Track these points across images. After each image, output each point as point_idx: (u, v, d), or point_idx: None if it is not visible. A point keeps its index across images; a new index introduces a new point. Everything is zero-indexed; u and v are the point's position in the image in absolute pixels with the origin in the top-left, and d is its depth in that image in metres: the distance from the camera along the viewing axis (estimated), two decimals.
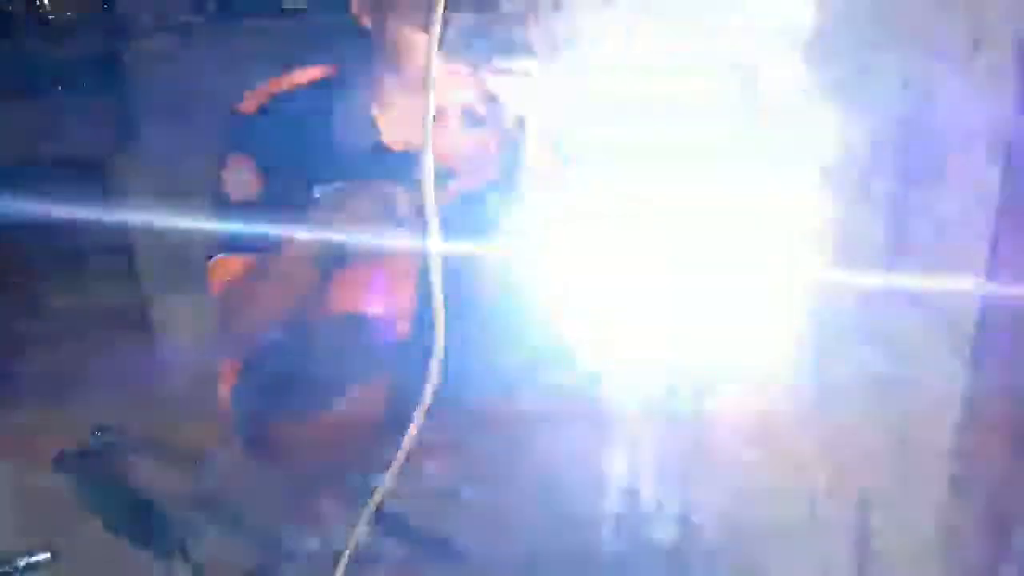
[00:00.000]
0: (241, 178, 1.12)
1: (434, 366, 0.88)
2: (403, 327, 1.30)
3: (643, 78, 0.81)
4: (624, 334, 0.93)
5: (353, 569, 1.30)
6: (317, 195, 1.17)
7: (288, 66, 1.23)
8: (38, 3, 2.45)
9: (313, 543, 1.33)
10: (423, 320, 1.30)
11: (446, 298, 0.87)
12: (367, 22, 1.09)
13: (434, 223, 0.85)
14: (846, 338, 0.75)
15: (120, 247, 2.03)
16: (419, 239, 0.87)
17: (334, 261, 1.12)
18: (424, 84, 0.85)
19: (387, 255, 1.12)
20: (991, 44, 0.55)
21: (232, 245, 1.12)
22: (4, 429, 1.79)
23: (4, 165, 2.15)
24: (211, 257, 1.14)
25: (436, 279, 0.86)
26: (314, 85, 1.19)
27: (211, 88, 1.77)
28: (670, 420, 0.91)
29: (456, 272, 0.95)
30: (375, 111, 1.17)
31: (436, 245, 0.86)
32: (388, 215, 1.03)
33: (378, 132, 1.16)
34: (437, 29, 0.83)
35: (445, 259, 0.88)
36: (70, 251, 2.76)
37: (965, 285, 0.60)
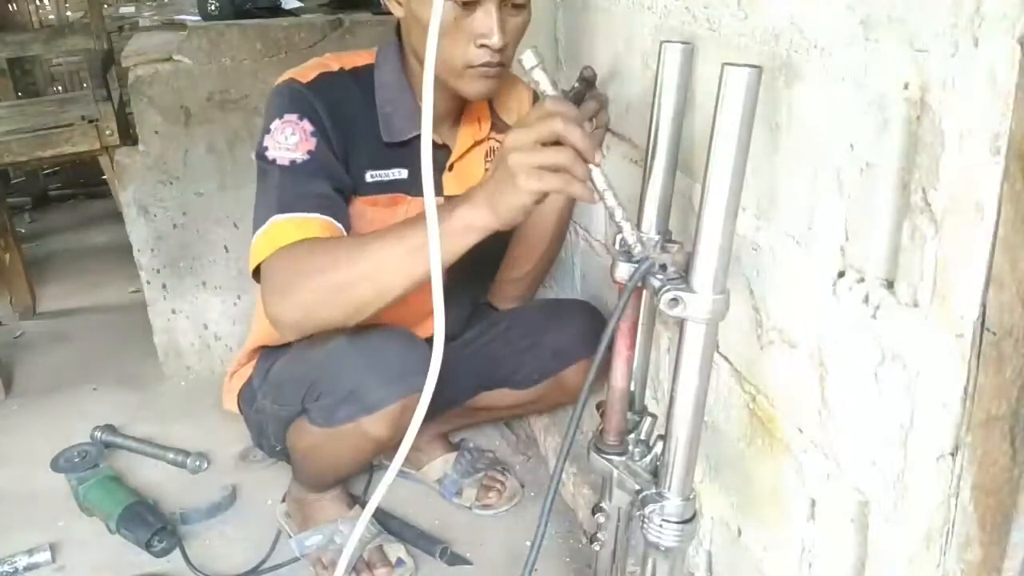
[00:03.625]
0: (292, 138, 1.11)
1: (434, 367, 0.88)
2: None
3: None
4: None
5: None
6: (368, 179, 1.19)
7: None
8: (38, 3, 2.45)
9: (313, 542, 1.33)
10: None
11: None
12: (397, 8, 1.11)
13: (433, 219, 0.86)
14: (846, 337, 0.76)
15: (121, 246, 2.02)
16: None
17: None
18: (425, 71, 0.86)
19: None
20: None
21: (289, 205, 1.07)
22: (4, 429, 1.79)
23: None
24: (262, 221, 1.07)
25: (436, 279, 0.86)
26: (361, 71, 1.20)
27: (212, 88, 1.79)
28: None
29: None
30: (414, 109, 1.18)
31: (436, 245, 0.86)
32: None
33: (416, 126, 1.16)
34: (439, 12, 0.84)
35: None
36: (70, 251, 2.77)
37: (965, 285, 0.60)
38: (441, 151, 1.23)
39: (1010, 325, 0.57)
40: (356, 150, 1.17)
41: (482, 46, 1.04)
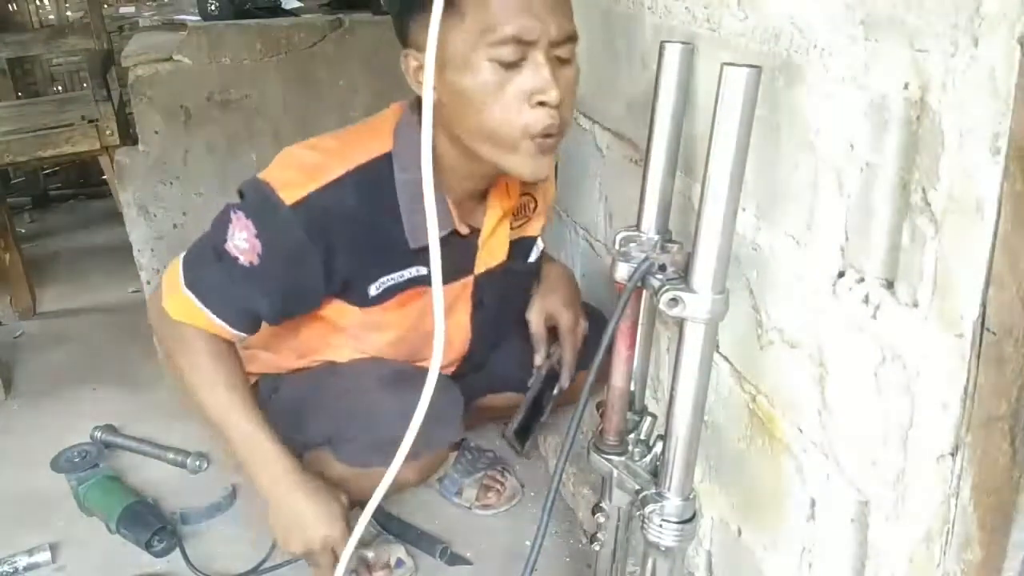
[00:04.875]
0: (242, 244, 1.05)
1: (428, 385, 0.86)
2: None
3: None
4: None
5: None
6: (373, 292, 1.12)
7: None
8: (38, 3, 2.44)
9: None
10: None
11: None
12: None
13: (436, 249, 0.85)
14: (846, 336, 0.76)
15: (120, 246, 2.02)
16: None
17: None
18: (424, 98, 0.84)
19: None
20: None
21: (207, 289, 1.09)
22: (4, 429, 1.79)
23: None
24: (185, 273, 1.10)
25: (438, 302, 0.86)
26: (375, 167, 1.06)
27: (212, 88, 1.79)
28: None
29: None
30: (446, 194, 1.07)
31: (438, 268, 0.85)
32: None
33: (452, 220, 1.09)
34: (435, 30, 0.82)
35: None
36: (70, 251, 2.76)
37: (965, 285, 0.60)
38: (472, 234, 1.16)
39: (1010, 325, 0.57)
40: (362, 265, 1.09)
41: (539, 104, 0.92)
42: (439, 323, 0.85)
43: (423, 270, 1.12)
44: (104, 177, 2.23)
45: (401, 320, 1.18)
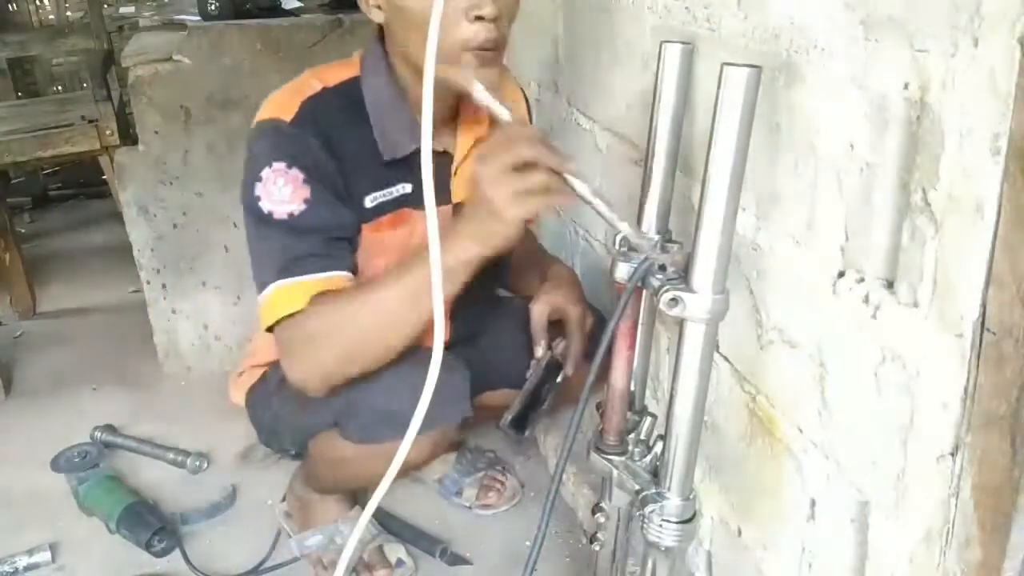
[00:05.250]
0: (284, 189, 1.05)
1: (431, 378, 0.87)
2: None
3: None
4: None
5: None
6: (368, 204, 1.14)
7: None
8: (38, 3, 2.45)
9: (313, 542, 1.33)
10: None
11: None
12: (377, 16, 1.06)
13: (434, 229, 0.85)
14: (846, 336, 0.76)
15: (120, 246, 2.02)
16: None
17: None
18: (426, 72, 0.84)
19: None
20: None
21: (288, 269, 1.06)
22: (4, 429, 1.79)
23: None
24: (265, 284, 1.08)
25: (437, 289, 0.85)
26: (346, 86, 1.12)
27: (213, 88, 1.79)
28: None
29: None
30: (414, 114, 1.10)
31: (436, 256, 0.85)
32: None
33: (415, 138, 1.09)
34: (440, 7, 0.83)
35: None
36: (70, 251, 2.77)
37: (965, 285, 0.60)
38: (444, 158, 1.19)
39: (1010, 325, 0.57)
40: (355, 177, 1.12)
41: (476, 19, 0.96)
42: (437, 297, 0.84)
43: (407, 187, 1.15)
44: (104, 177, 2.23)
45: (394, 243, 1.17)
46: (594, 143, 1.39)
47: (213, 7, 1.83)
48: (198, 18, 1.86)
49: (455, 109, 1.19)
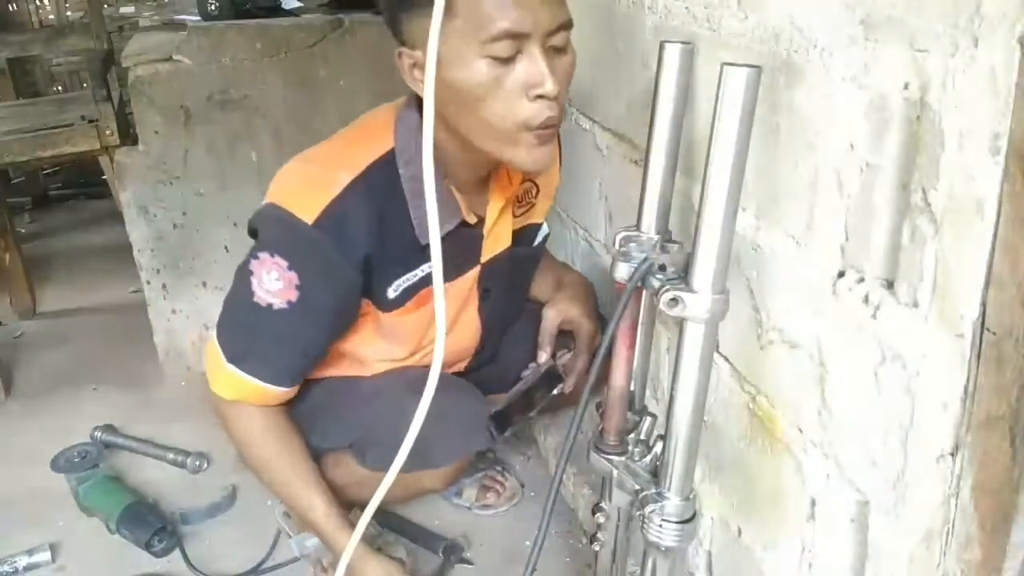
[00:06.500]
0: (275, 283, 1.05)
1: (430, 387, 0.86)
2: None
3: None
4: None
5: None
6: (391, 295, 1.12)
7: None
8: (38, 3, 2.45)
9: (313, 542, 1.32)
10: None
11: None
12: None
13: (437, 246, 0.85)
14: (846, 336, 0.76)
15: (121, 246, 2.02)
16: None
17: None
18: (427, 92, 0.84)
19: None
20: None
21: (243, 358, 1.12)
22: (4, 429, 1.79)
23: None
24: (220, 344, 1.14)
25: (439, 302, 0.86)
26: (379, 168, 1.05)
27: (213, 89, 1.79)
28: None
29: None
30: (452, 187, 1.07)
31: (439, 268, 0.86)
32: None
33: (460, 210, 1.08)
34: (438, 23, 0.83)
35: None
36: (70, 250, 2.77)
37: (965, 285, 0.60)
38: (476, 227, 1.15)
39: (1010, 325, 0.57)
40: (382, 268, 1.09)
41: (537, 98, 0.91)
42: (440, 321, 0.85)
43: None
44: (104, 177, 2.23)
45: (419, 324, 1.17)
46: (594, 143, 1.39)
47: (213, 7, 1.82)
48: (198, 18, 1.86)
49: (488, 175, 1.14)
